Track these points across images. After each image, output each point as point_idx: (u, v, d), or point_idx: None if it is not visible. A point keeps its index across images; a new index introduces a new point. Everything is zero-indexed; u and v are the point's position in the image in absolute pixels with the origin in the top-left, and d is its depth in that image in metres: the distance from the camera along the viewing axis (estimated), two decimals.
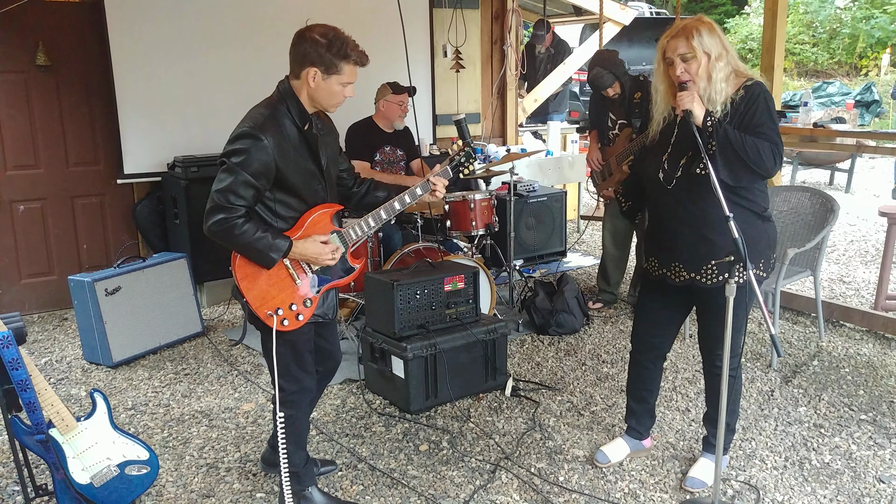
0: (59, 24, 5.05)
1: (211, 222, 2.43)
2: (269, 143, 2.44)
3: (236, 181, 2.42)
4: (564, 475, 3.07)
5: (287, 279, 2.58)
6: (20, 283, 5.22)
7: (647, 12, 14.09)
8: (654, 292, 2.98)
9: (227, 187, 2.42)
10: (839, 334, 4.51)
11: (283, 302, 2.57)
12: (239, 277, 2.54)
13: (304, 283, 2.61)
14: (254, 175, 2.44)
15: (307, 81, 2.52)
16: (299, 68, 2.52)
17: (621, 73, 4.64)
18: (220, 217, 2.42)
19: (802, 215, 4.35)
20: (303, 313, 2.60)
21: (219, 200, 2.42)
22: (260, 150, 2.43)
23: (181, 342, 4.66)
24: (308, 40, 2.49)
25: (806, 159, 9.29)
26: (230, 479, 3.12)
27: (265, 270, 2.54)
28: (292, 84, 2.57)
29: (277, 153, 2.46)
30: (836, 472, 3.04)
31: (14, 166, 5.07)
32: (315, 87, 2.52)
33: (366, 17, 5.95)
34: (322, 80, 2.51)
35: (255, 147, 2.42)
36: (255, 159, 2.43)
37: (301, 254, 2.56)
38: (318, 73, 2.50)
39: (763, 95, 2.61)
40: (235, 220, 2.43)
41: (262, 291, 2.55)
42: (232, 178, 2.42)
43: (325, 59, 2.48)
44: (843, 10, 17.62)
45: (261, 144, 2.43)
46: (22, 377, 2.43)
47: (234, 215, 2.43)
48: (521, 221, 5.88)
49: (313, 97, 2.56)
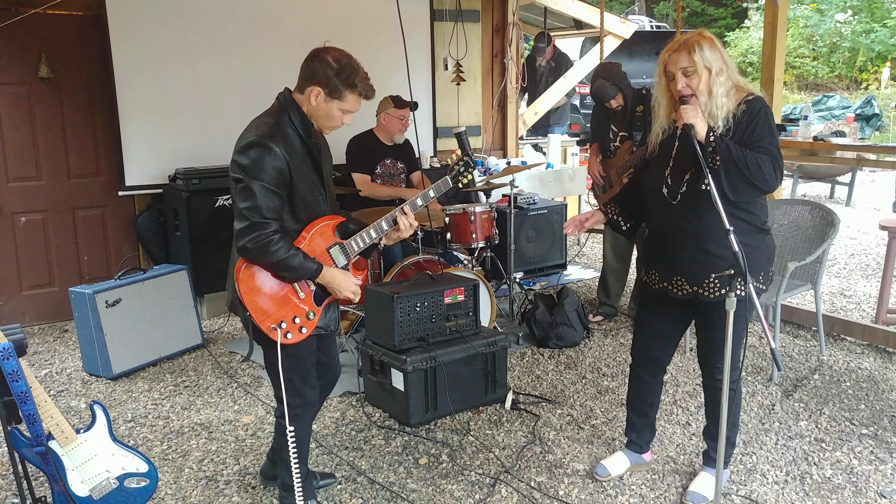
0: (61, 37, 5.08)
1: (247, 239, 2.43)
2: (279, 151, 2.45)
3: (261, 193, 2.42)
4: (564, 489, 3.06)
5: (290, 293, 2.59)
6: (21, 294, 5.22)
7: (648, 26, 14.18)
8: (653, 305, 2.98)
9: (257, 203, 2.42)
10: (840, 348, 4.50)
11: (286, 315, 2.57)
12: (243, 291, 2.53)
13: (307, 296, 2.62)
14: (273, 184, 2.44)
15: (309, 99, 2.54)
16: (305, 84, 2.54)
17: (624, 86, 4.66)
18: (256, 234, 2.42)
19: (803, 229, 4.35)
20: (306, 326, 2.60)
21: (251, 217, 2.42)
22: (273, 158, 2.44)
23: (181, 354, 4.66)
24: (320, 60, 2.52)
25: (806, 173, 9.31)
26: (229, 491, 3.11)
27: (269, 284, 2.54)
28: (295, 97, 2.59)
29: (289, 160, 2.47)
30: (837, 487, 3.03)
31: (16, 178, 5.08)
32: (315, 107, 2.54)
33: (367, 30, 6.00)
34: (324, 101, 2.53)
35: (267, 156, 2.43)
36: (270, 167, 2.43)
37: (330, 281, 2.58)
38: (322, 93, 2.52)
39: (764, 110, 2.62)
40: (272, 236, 2.44)
41: (265, 305, 2.55)
42: (256, 192, 2.42)
43: (332, 82, 2.50)
44: (843, 23, 17.69)
45: (272, 152, 2.44)
46: (22, 389, 2.42)
47: (268, 230, 2.44)
48: (522, 234, 5.88)
49: (312, 115, 2.58)
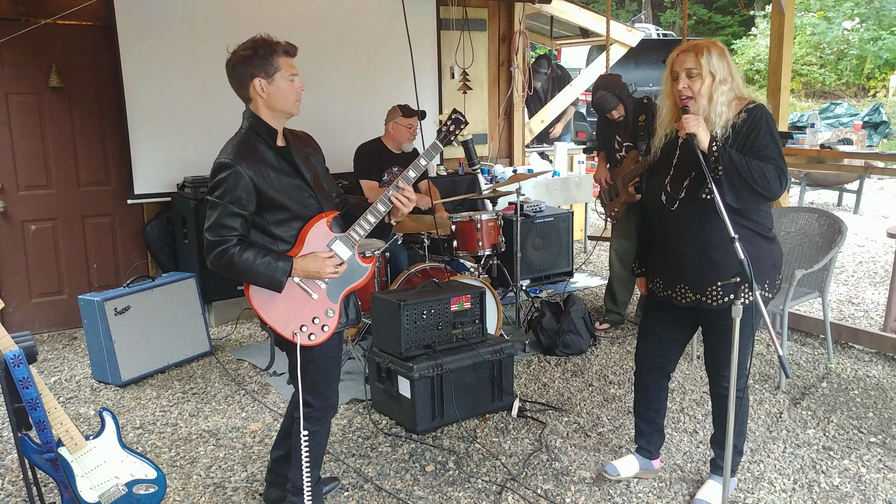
0: (72, 47, 5.13)
1: (210, 258, 2.48)
2: (243, 170, 2.47)
3: (221, 214, 2.47)
4: (571, 497, 3.06)
5: (302, 296, 2.60)
6: (31, 302, 5.26)
7: (654, 34, 14.18)
8: (658, 312, 2.98)
9: (215, 222, 2.47)
10: (848, 356, 4.49)
11: (305, 318, 2.59)
12: (256, 307, 2.56)
13: (321, 295, 2.62)
14: (235, 203, 2.47)
15: (258, 95, 2.54)
16: (245, 89, 2.55)
17: (625, 96, 4.67)
18: (217, 251, 2.46)
19: (810, 236, 4.34)
20: (328, 324, 2.62)
21: (211, 237, 2.48)
22: (236, 178, 2.46)
23: (189, 361, 4.68)
24: (237, 59, 2.53)
25: (814, 180, 9.29)
26: (237, 498, 3.12)
27: (278, 293, 2.56)
28: (250, 108, 2.61)
29: (256, 177, 2.49)
30: (845, 496, 3.02)
31: (26, 186, 5.13)
32: (267, 96, 2.54)
33: (374, 39, 6.04)
34: (268, 84, 2.53)
35: (231, 176, 2.46)
36: (233, 187, 2.46)
37: (303, 270, 2.56)
38: (261, 80, 2.52)
39: (765, 118, 2.63)
40: (232, 250, 2.46)
41: (281, 313, 2.57)
42: (216, 211, 2.47)
43: (258, 63, 2.50)
44: (851, 31, 17.67)
45: (236, 171, 2.46)
46: (32, 396, 2.44)
47: (228, 245, 2.47)
48: (528, 242, 5.89)
49: (271, 106, 2.56)
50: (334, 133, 5.84)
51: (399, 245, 4.93)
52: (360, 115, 5.90)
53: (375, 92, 6.00)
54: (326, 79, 5.80)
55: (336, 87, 5.90)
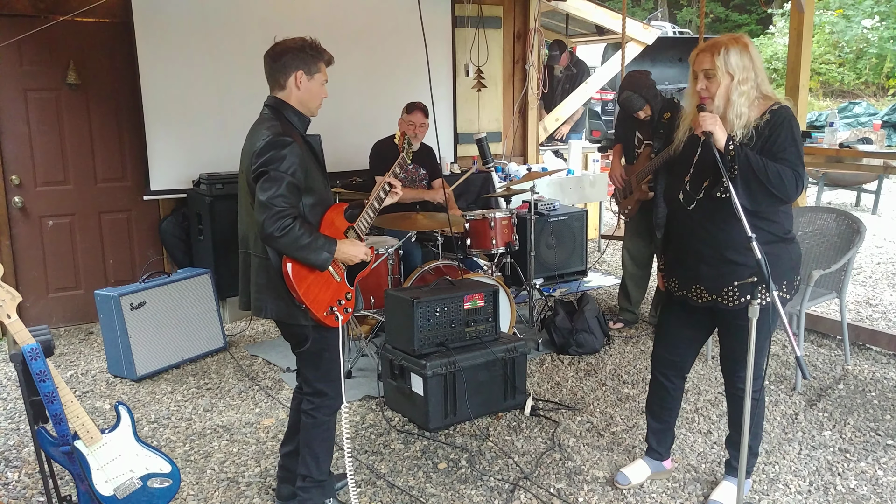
0: (89, 44, 5.17)
1: (271, 229, 2.45)
2: (295, 146, 2.52)
3: (287, 186, 2.48)
4: (584, 496, 3.05)
5: (329, 278, 2.67)
6: (48, 296, 5.31)
7: (671, 32, 14.10)
8: (675, 311, 2.96)
9: (276, 193, 2.46)
10: (865, 357, 4.44)
11: (333, 298, 2.68)
12: (296, 283, 2.57)
13: (342, 277, 2.73)
14: (294, 177, 2.51)
15: (295, 86, 2.63)
16: (284, 78, 2.62)
17: (651, 96, 4.62)
18: (283, 221, 2.45)
19: (828, 237, 4.30)
20: (349, 306, 2.74)
21: (272, 207, 2.46)
22: (292, 153, 2.50)
23: (204, 357, 4.71)
24: (287, 48, 2.61)
25: (832, 180, 9.20)
26: (250, 493, 3.13)
27: (312, 275, 2.60)
28: (279, 97, 2.66)
29: (303, 159, 2.55)
30: (861, 498, 2.99)
31: (44, 182, 5.17)
32: (303, 90, 2.64)
33: (389, 37, 6.04)
34: (307, 80, 2.63)
35: (288, 151, 2.49)
36: (291, 161, 2.50)
37: (344, 253, 2.65)
38: (304, 74, 2.62)
39: (788, 120, 2.59)
40: (293, 224, 2.48)
41: (315, 295, 2.63)
42: (282, 183, 2.47)
43: (307, 59, 2.62)
44: (870, 29, 17.47)
45: (291, 147, 2.50)
46: (49, 389, 2.46)
47: (291, 214, 2.49)
48: (542, 240, 5.88)
49: (302, 100, 2.66)
50: (350, 131, 5.86)
51: (413, 242, 4.92)
52: (376, 113, 5.91)
53: (390, 90, 6.01)
54: (342, 77, 5.79)
55: (351, 86, 5.91)
